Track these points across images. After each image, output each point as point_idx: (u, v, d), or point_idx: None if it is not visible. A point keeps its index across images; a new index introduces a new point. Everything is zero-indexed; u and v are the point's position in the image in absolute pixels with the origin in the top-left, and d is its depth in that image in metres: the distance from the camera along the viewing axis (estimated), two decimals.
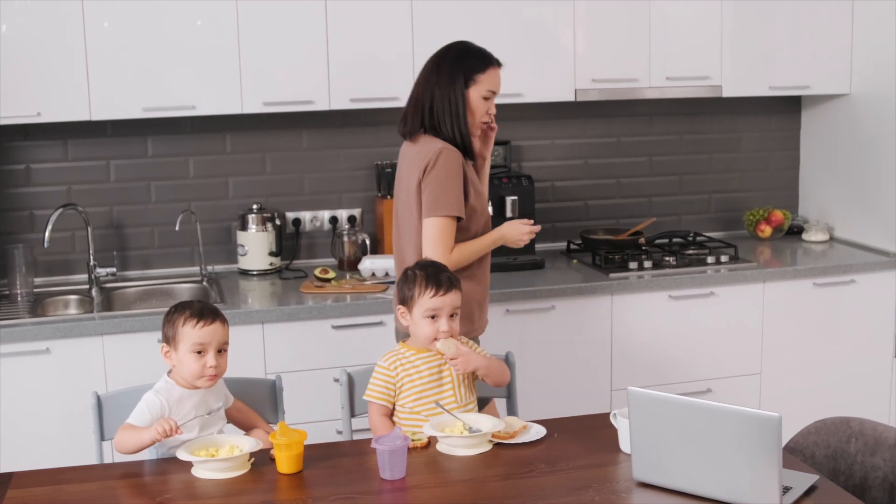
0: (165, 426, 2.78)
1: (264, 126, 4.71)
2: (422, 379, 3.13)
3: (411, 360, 3.15)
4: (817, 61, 4.90)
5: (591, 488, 2.62)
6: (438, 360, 3.16)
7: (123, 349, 3.96)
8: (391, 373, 3.13)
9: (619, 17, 4.62)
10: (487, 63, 3.50)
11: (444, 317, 3.11)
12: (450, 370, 3.15)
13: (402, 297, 3.18)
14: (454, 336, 3.14)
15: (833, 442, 3.02)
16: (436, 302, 3.10)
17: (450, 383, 3.15)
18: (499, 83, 3.52)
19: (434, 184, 3.41)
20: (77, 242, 4.58)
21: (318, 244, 4.87)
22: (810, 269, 4.67)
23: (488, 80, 3.49)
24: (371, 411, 3.16)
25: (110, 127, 4.54)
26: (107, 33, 4.13)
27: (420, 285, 3.12)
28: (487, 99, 3.49)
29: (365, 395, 3.16)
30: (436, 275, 3.14)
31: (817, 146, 5.27)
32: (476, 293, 3.54)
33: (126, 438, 2.88)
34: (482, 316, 3.61)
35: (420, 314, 3.12)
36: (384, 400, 3.13)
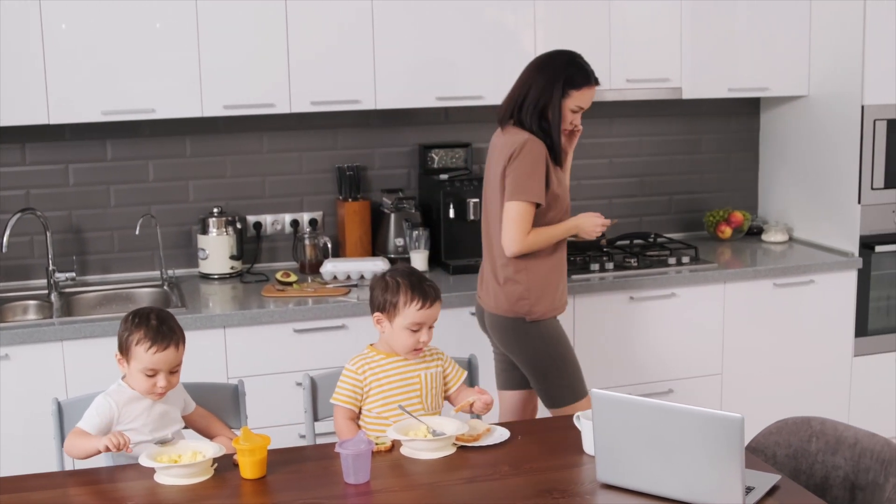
0: (117, 440, 2.77)
1: (225, 129, 4.68)
2: (390, 384, 3.12)
3: (381, 364, 3.14)
4: (776, 63, 4.95)
5: (555, 490, 2.63)
6: (407, 365, 3.15)
7: (83, 355, 3.92)
8: (359, 376, 3.12)
9: (579, 20, 4.63)
10: (586, 81, 3.70)
11: (425, 329, 3.12)
12: (419, 376, 3.15)
13: (381, 303, 3.15)
14: (424, 347, 3.16)
15: (794, 441, 3.05)
16: (422, 315, 3.10)
17: (417, 389, 3.14)
18: (590, 101, 3.73)
19: (518, 171, 3.64)
20: (36, 247, 4.53)
21: (279, 247, 4.85)
22: (770, 269, 4.71)
23: (582, 97, 3.70)
24: (337, 415, 3.15)
25: (69, 130, 4.50)
26: (65, 36, 4.09)
27: (405, 295, 3.10)
28: (575, 112, 3.71)
29: (332, 399, 3.15)
30: (420, 285, 3.13)
31: (776, 147, 5.31)
32: (553, 275, 3.77)
33: (76, 444, 2.87)
34: (561, 297, 3.83)
35: (402, 325, 3.10)
36: (350, 404, 3.12)
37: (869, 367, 4.93)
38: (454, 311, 4.25)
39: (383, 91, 4.45)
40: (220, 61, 4.26)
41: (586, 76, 3.71)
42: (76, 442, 2.87)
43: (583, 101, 3.71)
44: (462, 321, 4.26)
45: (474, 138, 4.96)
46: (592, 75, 3.73)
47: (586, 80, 3.71)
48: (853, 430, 2.97)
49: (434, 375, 3.19)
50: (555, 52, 3.78)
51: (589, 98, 3.72)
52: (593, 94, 3.74)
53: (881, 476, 2.82)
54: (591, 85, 3.72)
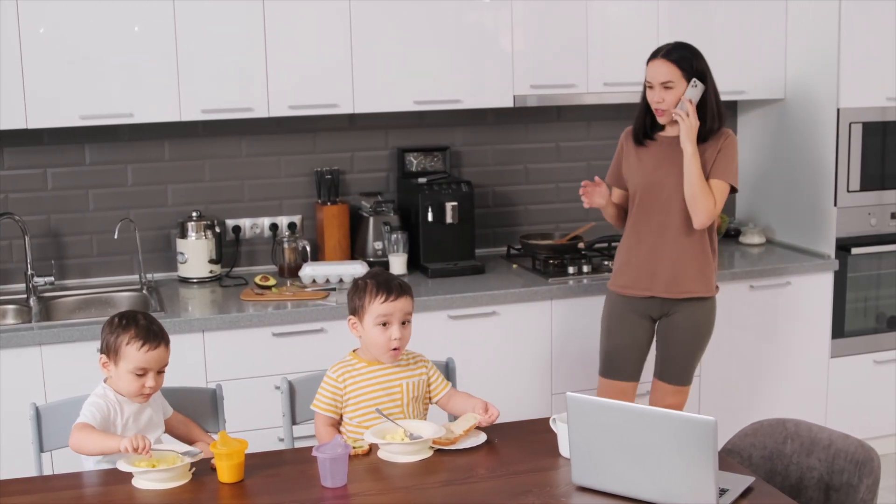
0: (140, 443, 2.73)
1: (203, 133, 4.69)
2: (371, 391, 3.13)
3: (361, 372, 3.14)
4: (752, 67, 4.98)
5: (531, 493, 2.65)
6: (389, 373, 3.15)
7: (62, 359, 3.91)
8: (339, 384, 3.13)
9: (557, 23, 4.65)
10: (650, 58, 3.91)
11: (395, 323, 3.11)
12: (401, 385, 3.15)
13: (353, 307, 3.17)
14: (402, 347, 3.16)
15: (769, 443, 3.07)
16: (387, 308, 3.10)
17: (398, 397, 3.14)
18: (656, 74, 3.85)
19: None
20: (14, 251, 4.53)
21: (258, 251, 4.85)
22: (747, 271, 4.74)
23: (648, 72, 3.90)
24: (317, 421, 3.16)
25: (47, 135, 4.49)
26: (43, 39, 4.08)
27: (370, 292, 3.12)
28: (650, 88, 3.88)
29: (312, 405, 3.16)
30: (386, 282, 3.14)
31: (753, 150, 5.34)
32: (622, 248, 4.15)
33: (89, 439, 2.82)
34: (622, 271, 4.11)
35: (371, 322, 3.11)
36: (330, 411, 3.13)
37: (846, 368, 4.97)
38: (433, 313, 4.27)
39: (361, 95, 4.46)
40: (198, 65, 4.26)
41: (652, 53, 3.90)
42: (90, 437, 2.82)
43: (649, 74, 3.88)
44: (441, 324, 4.27)
45: (452, 141, 4.98)
46: (658, 51, 3.89)
47: (651, 56, 3.90)
48: (827, 431, 2.99)
49: (417, 384, 3.19)
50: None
51: (652, 71, 3.86)
52: (655, 67, 3.85)
53: (855, 477, 2.85)
54: (654, 59, 3.88)
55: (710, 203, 3.81)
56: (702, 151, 3.84)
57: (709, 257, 3.98)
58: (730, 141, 3.90)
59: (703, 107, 3.85)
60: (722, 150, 3.87)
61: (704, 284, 3.98)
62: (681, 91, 3.82)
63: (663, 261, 3.95)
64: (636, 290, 4.02)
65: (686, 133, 3.79)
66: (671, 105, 3.84)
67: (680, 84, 3.82)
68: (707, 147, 3.87)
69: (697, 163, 3.80)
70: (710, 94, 3.87)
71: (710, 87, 3.88)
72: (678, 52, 3.85)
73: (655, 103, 3.87)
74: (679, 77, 3.81)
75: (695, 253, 3.94)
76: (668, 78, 3.82)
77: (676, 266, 3.95)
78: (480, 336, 4.38)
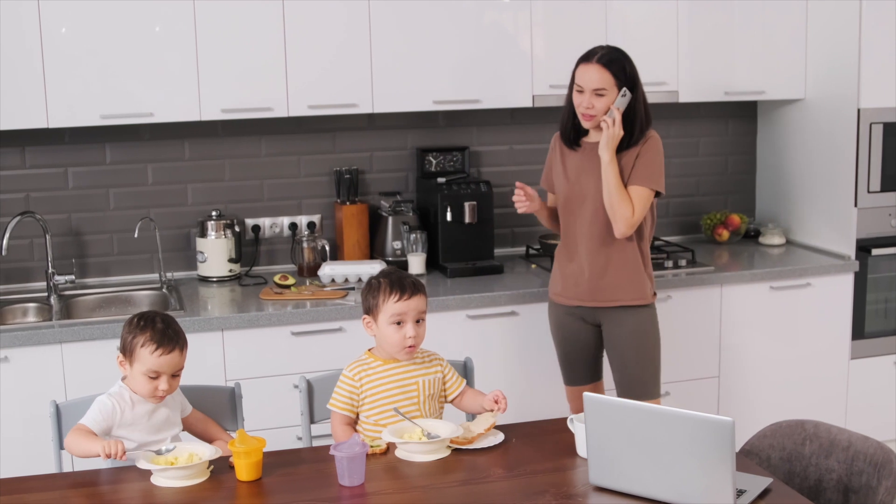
0: (113, 449, 2.77)
1: (223, 133, 4.70)
2: (387, 390, 3.13)
3: (377, 371, 3.15)
4: (772, 67, 4.96)
5: (547, 493, 2.65)
6: (405, 371, 3.16)
7: (83, 357, 3.94)
8: (355, 383, 3.13)
9: (576, 24, 4.64)
10: (583, 58, 3.75)
11: (409, 322, 3.11)
12: (417, 382, 3.16)
13: (367, 306, 3.18)
14: (417, 346, 3.16)
15: (788, 444, 3.06)
16: (400, 306, 3.10)
17: (415, 396, 3.15)
18: (589, 80, 3.70)
19: None
20: (35, 250, 4.55)
21: (277, 251, 4.87)
22: (767, 272, 4.72)
23: (579, 74, 3.74)
24: (333, 420, 3.16)
25: (68, 134, 4.52)
26: (64, 39, 4.11)
27: (384, 291, 3.13)
28: (580, 92, 3.73)
29: (328, 404, 3.17)
30: (400, 281, 3.15)
31: (773, 150, 5.33)
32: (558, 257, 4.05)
33: (76, 442, 2.88)
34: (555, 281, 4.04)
35: (385, 321, 3.12)
36: (347, 410, 3.13)
37: (865, 369, 4.94)
38: (452, 313, 4.27)
39: (380, 95, 4.47)
40: (218, 65, 4.28)
41: (584, 56, 3.75)
42: (78, 439, 2.88)
43: (580, 78, 3.73)
44: (459, 324, 4.27)
45: (471, 142, 4.98)
46: (591, 54, 3.73)
47: (583, 59, 3.75)
48: (846, 433, 2.98)
49: (432, 382, 3.20)
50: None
51: (584, 75, 3.70)
52: (589, 72, 3.68)
53: (874, 479, 2.84)
54: (587, 62, 3.72)
55: (628, 212, 3.69)
56: (622, 157, 3.73)
57: (639, 265, 3.84)
58: (650, 143, 3.77)
59: (633, 116, 3.73)
60: (641, 154, 3.74)
61: (634, 293, 3.84)
62: (611, 99, 3.68)
63: (588, 269, 3.84)
64: (566, 298, 3.94)
65: (606, 142, 3.68)
66: (600, 112, 3.70)
67: (612, 92, 3.68)
68: (628, 152, 3.74)
69: (614, 171, 3.68)
70: (639, 104, 3.74)
71: (640, 96, 3.75)
72: (614, 59, 3.70)
73: (584, 109, 3.72)
74: (612, 85, 3.68)
75: (622, 261, 3.81)
76: (601, 85, 3.68)
77: (602, 275, 3.83)
78: (499, 336, 4.38)
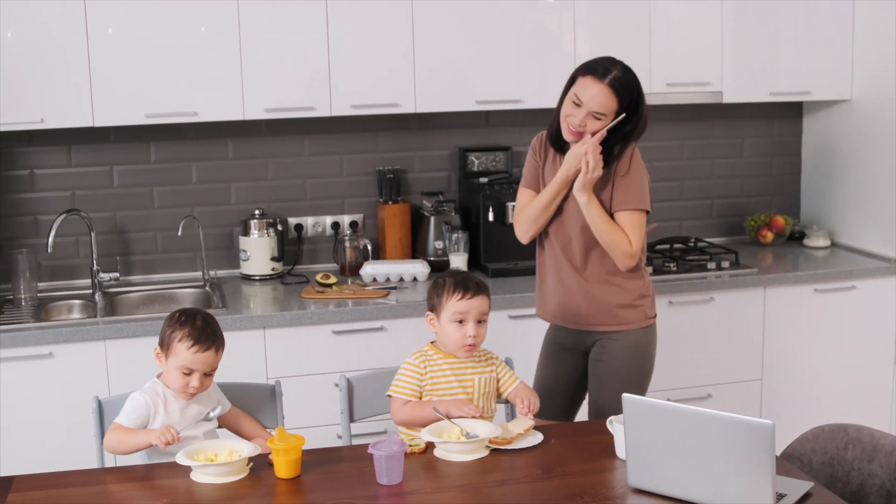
0: (168, 436, 2.80)
1: (266, 132, 4.73)
2: (447, 384, 3.15)
3: (439, 364, 3.17)
4: (818, 67, 4.91)
5: (585, 494, 2.64)
6: (464, 367, 3.18)
7: (126, 354, 3.98)
8: (421, 370, 3.15)
9: (620, 24, 4.63)
10: (590, 71, 3.39)
11: (471, 321, 3.13)
12: (473, 380, 3.17)
13: (431, 304, 3.21)
14: (478, 345, 3.17)
15: (830, 448, 3.03)
16: (462, 305, 3.12)
17: (471, 392, 3.17)
18: (592, 100, 3.36)
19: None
20: (80, 247, 4.60)
21: (319, 249, 4.89)
22: (811, 274, 4.68)
23: (582, 86, 3.38)
24: (395, 406, 3.15)
25: (113, 133, 4.56)
26: (109, 39, 4.15)
27: (448, 290, 3.16)
28: (577, 105, 3.38)
29: (389, 392, 3.16)
30: (464, 280, 3.18)
31: (819, 151, 5.28)
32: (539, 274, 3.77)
33: (118, 441, 2.90)
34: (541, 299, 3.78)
35: (447, 318, 3.14)
36: (411, 395, 3.13)
37: None
38: (493, 313, 4.14)
39: (423, 95, 4.47)
40: (261, 64, 4.30)
41: (594, 68, 3.39)
42: (120, 438, 2.90)
43: (581, 92, 3.37)
44: (501, 323, 4.26)
45: (514, 141, 4.97)
46: (604, 71, 3.37)
47: (592, 71, 3.39)
48: (890, 437, 2.95)
49: (487, 380, 3.21)
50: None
51: (589, 91, 3.36)
52: (595, 91, 3.35)
53: None
54: (596, 78, 3.36)
55: (625, 245, 3.44)
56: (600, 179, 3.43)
57: (623, 288, 3.56)
58: (634, 160, 3.51)
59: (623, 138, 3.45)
60: (617, 171, 3.47)
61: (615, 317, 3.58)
62: (606, 124, 3.38)
63: (566, 290, 3.62)
64: (547, 316, 3.75)
65: (583, 185, 3.38)
66: (589, 132, 3.38)
67: (610, 118, 3.38)
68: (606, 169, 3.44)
69: (596, 209, 3.41)
70: (636, 130, 3.46)
71: (640, 122, 3.46)
72: (626, 85, 3.38)
73: (575, 125, 3.40)
74: (614, 111, 3.38)
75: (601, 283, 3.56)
76: (603, 110, 3.37)
77: (580, 297, 3.58)
78: (540, 336, 4.35)
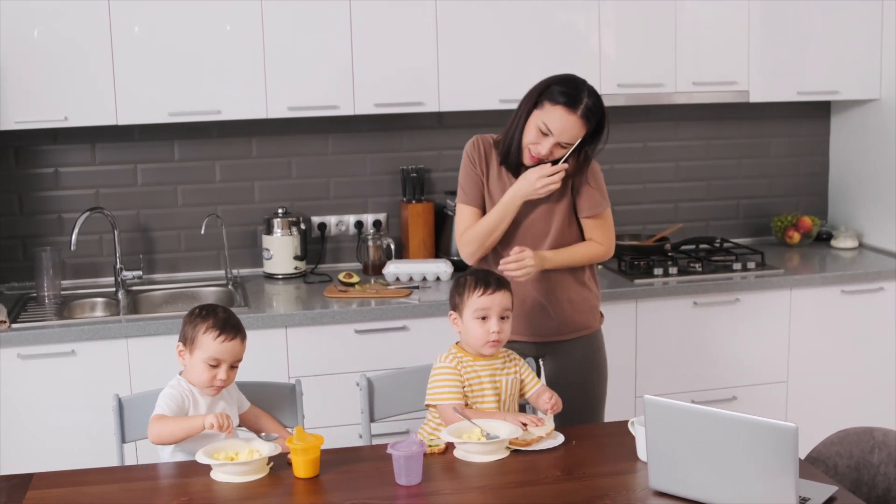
0: (222, 421, 2.80)
1: (290, 130, 4.72)
2: (479, 384, 3.14)
3: (472, 365, 3.15)
4: (846, 66, 4.86)
5: (606, 496, 2.62)
6: (493, 368, 3.16)
7: (148, 352, 3.98)
8: (458, 372, 3.12)
9: (646, 22, 4.60)
10: (563, 99, 3.27)
11: (493, 317, 3.11)
12: (501, 381, 3.16)
13: (453, 303, 3.20)
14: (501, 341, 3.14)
15: (856, 452, 3.00)
16: (484, 301, 3.11)
17: (499, 393, 3.16)
18: (561, 129, 3.28)
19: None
20: (104, 246, 4.61)
21: (343, 249, 4.88)
22: (838, 276, 4.63)
23: (550, 115, 3.29)
24: (445, 413, 3.10)
25: (137, 131, 4.57)
26: (134, 38, 4.15)
27: (469, 287, 3.14)
28: (544, 134, 3.30)
29: (431, 400, 3.13)
30: (485, 276, 3.17)
31: (847, 152, 5.23)
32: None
33: (166, 430, 2.88)
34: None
35: (470, 316, 3.13)
36: (457, 399, 3.09)
37: None
38: None
39: (447, 93, 4.45)
40: (285, 63, 4.30)
41: (564, 96, 3.28)
42: (168, 426, 2.88)
43: (551, 122, 3.27)
44: None
45: None
46: (575, 100, 3.27)
47: (562, 100, 3.27)
48: None
49: (513, 382, 3.20)
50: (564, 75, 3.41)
51: (559, 124, 3.27)
52: (568, 124, 3.27)
53: None
54: (568, 109, 3.26)
55: (600, 252, 3.52)
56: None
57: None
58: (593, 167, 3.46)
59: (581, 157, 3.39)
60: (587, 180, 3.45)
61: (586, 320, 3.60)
62: (569, 149, 3.33)
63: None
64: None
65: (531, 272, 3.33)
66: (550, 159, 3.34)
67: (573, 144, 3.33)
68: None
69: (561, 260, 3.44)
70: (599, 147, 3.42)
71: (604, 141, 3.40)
72: (594, 111, 3.29)
73: (539, 153, 3.33)
74: (577, 140, 3.32)
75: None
76: (572, 140, 3.31)
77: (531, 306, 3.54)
78: None
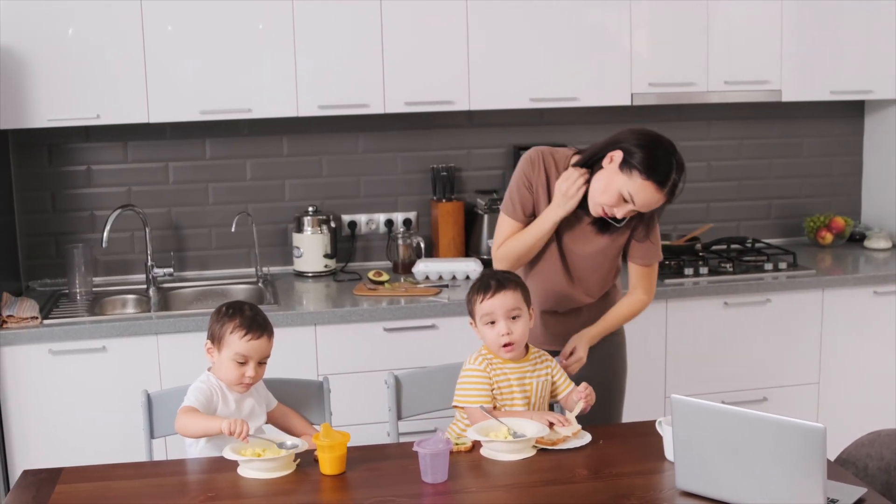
0: (239, 427, 2.79)
1: (320, 129, 4.74)
2: (509, 386, 3.12)
3: (501, 368, 3.12)
4: (880, 65, 4.82)
5: (633, 496, 2.60)
6: (523, 371, 3.14)
7: (178, 348, 4.00)
8: (487, 374, 3.10)
9: (678, 21, 4.58)
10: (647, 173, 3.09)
11: (500, 320, 3.09)
12: (531, 384, 3.14)
13: (468, 310, 3.18)
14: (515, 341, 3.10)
15: (887, 454, 2.97)
16: (487, 306, 3.09)
17: (528, 396, 3.14)
18: (644, 201, 3.13)
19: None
20: (135, 243, 4.64)
21: (373, 247, 4.89)
22: (871, 276, 4.59)
23: (635, 187, 3.11)
24: (474, 416, 3.08)
25: (169, 129, 4.60)
26: (166, 37, 4.18)
27: (473, 294, 3.13)
28: (625, 201, 3.14)
29: (461, 404, 3.11)
30: (484, 280, 3.14)
31: (881, 152, 5.19)
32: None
33: (190, 422, 2.90)
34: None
35: (480, 322, 3.12)
36: (485, 401, 3.07)
37: None
38: None
39: (477, 92, 4.45)
40: (315, 62, 4.31)
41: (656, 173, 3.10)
42: (193, 419, 2.90)
43: (636, 193, 3.12)
44: None
45: (569, 140, 4.92)
46: (667, 180, 3.10)
47: (657, 178, 3.10)
48: None
49: (544, 384, 3.18)
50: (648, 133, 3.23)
51: (645, 197, 3.12)
52: (654, 200, 3.14)
53: None
54: (657, 187, 3.10)
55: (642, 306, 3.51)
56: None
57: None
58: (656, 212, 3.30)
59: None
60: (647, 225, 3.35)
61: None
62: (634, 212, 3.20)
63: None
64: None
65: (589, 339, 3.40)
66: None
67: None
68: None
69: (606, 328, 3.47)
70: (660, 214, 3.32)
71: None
72: (677, 186, 3.15)
73: (611, 210, 3.20)
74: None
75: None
76: (650, 208, 3.19)
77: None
78: None
